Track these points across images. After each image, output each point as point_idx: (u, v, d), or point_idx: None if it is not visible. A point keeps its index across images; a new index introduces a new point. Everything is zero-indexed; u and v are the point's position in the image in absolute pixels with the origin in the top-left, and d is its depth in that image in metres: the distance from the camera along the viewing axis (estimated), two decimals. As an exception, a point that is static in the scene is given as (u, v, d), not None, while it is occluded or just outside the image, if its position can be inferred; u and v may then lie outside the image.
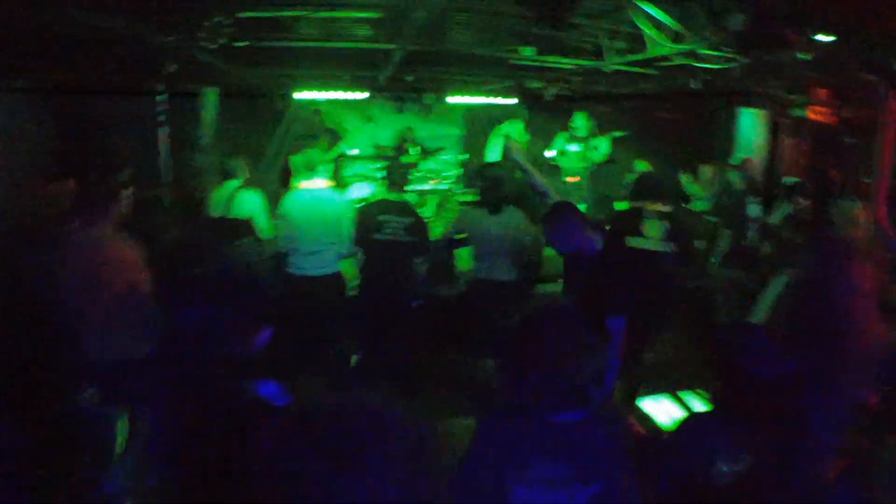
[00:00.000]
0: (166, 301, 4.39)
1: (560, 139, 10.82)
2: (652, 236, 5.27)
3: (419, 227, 6.01)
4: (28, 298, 5.13)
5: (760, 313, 5.14)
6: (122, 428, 4.47)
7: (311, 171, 6.19)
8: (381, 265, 5.90)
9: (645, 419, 5.95)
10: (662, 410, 6.12)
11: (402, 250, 5.89)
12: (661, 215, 5.36)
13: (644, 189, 5.53)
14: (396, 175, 6.21)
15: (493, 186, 5.93)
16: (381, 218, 5.86)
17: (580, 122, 10.55)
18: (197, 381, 2.11)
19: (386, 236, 5.83)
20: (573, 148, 10.62)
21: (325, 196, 6.06)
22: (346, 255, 6.15)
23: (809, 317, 3.60)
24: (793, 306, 3.86)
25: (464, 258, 6.68)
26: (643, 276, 5.21)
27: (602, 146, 10.70)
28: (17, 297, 5.31)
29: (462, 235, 6.09)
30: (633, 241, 5.25)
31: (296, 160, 9.35)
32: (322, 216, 5.94)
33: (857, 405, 3.53)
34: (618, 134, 10.82)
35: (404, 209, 6.05)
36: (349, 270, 6.35)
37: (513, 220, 5.96)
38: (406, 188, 6.60)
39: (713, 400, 2.88)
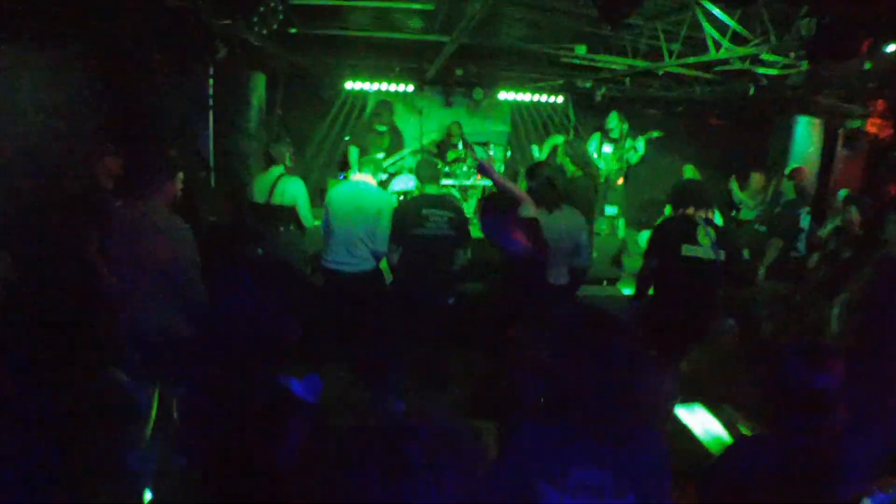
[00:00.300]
0: (209, 283, 4.38)
1: (594, 140, 10.67)
2: (705, 244, 5.16)
3: (461, 220, 5.87)
4: (76, 266, 5.19)
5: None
6: (152, 406, 4.50)
7: (367, 165, 6.14)
8: (422, 261, 5.73)
9: (680, 428, 5.85)
10: (697, 421, 6.00)
11: (445, 245, 5.75)
12: (709, 222, 5.25)
13: (690, 195, 5.39)
14: (424, 170, 6.03)
15: (547, 185, 5.66)
16: (424, 212, 5.69)
17: (614, 122, 10.36)
18: (233, 368, 2.07)
19: (429, 230, 5.68)
20: (607, 149, 10.46)
21: (367, 190, 5.98)
22: (381, 254, 5.98)
23: (866, 337, 3.49)
24: (850, 326, 3.73)
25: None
26: (695, 285, 5.17)
27: (640, 147, 10.50)
28: (66, 264, 5.38)
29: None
30: (688, 250, 5.14)
31: (354, 150, 9.43)
32: (360, 210, 5.84)
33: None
34: (655, 134, 10.60)
35: (446, 203, 5.90)
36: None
37: (570, 220, 5.72)
38: (440, 182, 6.43)
39: (766, 418, 2.75)
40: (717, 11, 5.32)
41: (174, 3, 5.19)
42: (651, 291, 5.56)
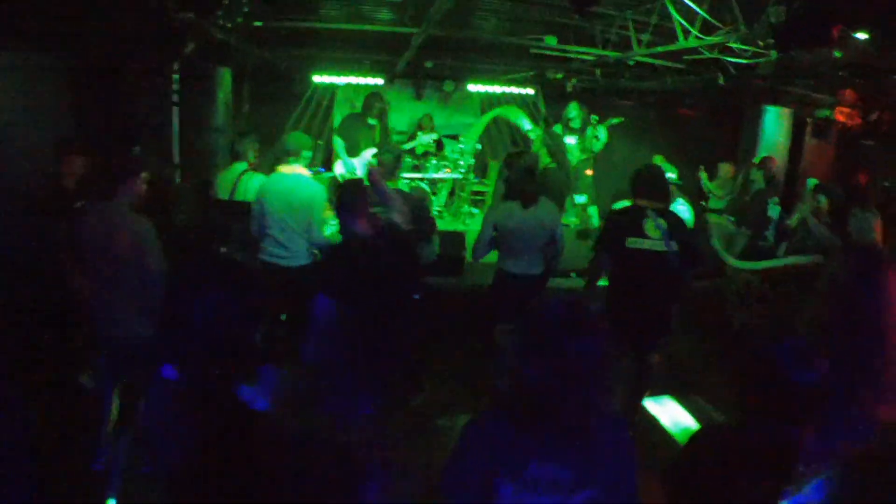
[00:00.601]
0: (170, 284, 4.32)
1: (557, 132, 10.64)
2: (654, 236, 5.00)
3: (417, 214, 5.55)
4: (42, 267, 5.12)
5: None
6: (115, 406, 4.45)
7: (353, 153, 6.04)
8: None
9: (649, 421, 5.83)
10: (665, 413, 6.00)
11: (399, 240, 5.30)
12: (660, 213, 5.13)
13: (643, 185, 5.22)
14: (386, 158, 5.85)
15: (526, 176, 5.70)
16: (374, 210, 5.27)
17: (574, 112, 10.28)
18: (195, 371, 2.02)
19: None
20: (570, 140, 10.39)
21: (301, 181, 5.79)
22: (320, 245, 5.83)
23: (839, 327, 3.49)
24: (824, 316, 3.72)
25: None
26: (645, 278, 5.06)
27: (602, 135, 10.47)
28: (32, 265, 5.30)
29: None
30: (633, 242, 4.98)
31: (340, 142, 9.31)
32: (294, 202, 5.65)
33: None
34: (615, 121, 10.59)
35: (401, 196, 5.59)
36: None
37: (546, 213, 5.73)
38: (399, 175, 6.26)
39: (744, 410, 2.73)
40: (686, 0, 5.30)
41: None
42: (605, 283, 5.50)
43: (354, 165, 9.18)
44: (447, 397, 5.99)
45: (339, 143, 9.51)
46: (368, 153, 8.82)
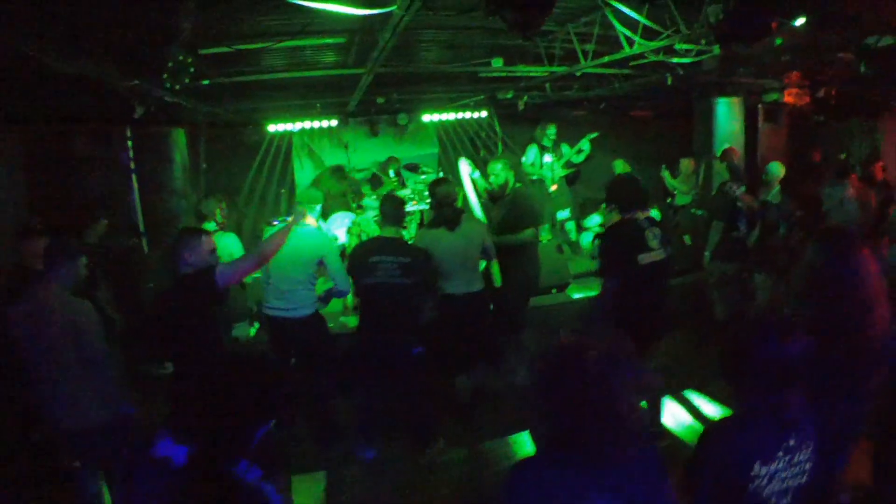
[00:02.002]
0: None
1: (532, 150, 10.76)
2: (655, 246, 5.10)
3: (418, 265, 5.41)
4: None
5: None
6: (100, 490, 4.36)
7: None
8: (379, 311, 5.40)
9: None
10: (667, 414, 6.00)
11: (400, 294, 5.32)
12: (652, 222, 5.22)
13: (635, 197, 5.26)
14: (388, 207, 5.59)
15: (444, 204, 5.81)
16: (372, 260, 5.30)
17: (552, 130, 10.55)
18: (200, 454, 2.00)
19: (380, 279, 5.27)
20: (548, 158, 10.58)
21: (305, 234, 5.75)
22: (342, 292, 5.80)
23: (821, 307, 3.52)
24: (804, 298, 3.76)
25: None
26: (653, 287, 5.16)
27: (585, 147, 10.70)
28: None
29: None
30: (644, 259, 5.04)
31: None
32: (298, 255, 5.54)
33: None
34: (593, 135, 10.81)
35: (398, 247, 5.43)
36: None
37: (471, 231, 5.83)
38: (403, 222, 6.08)
39: (734, 396, 2.76)
40: (625, 9, 5.36)
41: (76, 71, 5.01)
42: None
43: (337, 227, 9.12)
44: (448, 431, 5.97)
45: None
46: (340, 215, 8.76)
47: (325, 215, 8.91)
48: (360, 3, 4.54)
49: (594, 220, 10.83)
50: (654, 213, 5.71)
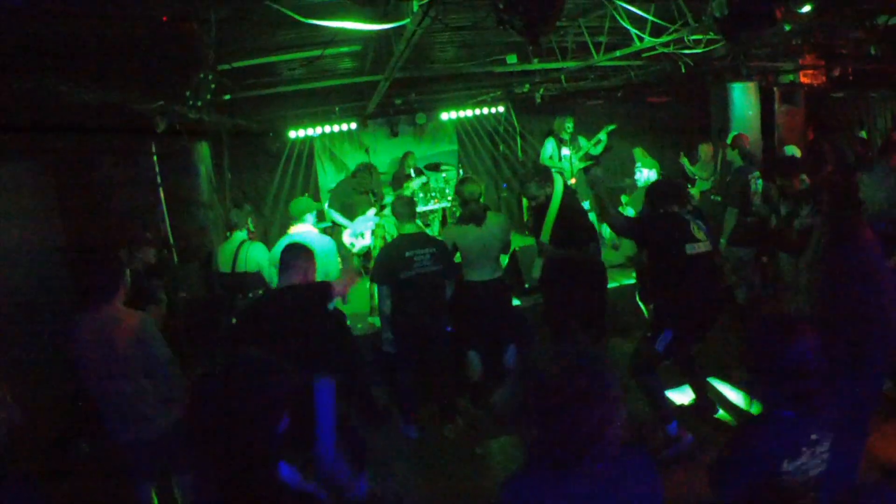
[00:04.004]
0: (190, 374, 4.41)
1: (549, 143, 10.82)
2: (702, 238, 5.21)
3: (443, 253, 5.98)
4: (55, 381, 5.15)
5: None
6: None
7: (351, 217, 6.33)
8: (416, 301, 5.82)
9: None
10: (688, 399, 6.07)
11: (434, 280, 5.88)
12: (696, 213, 5.35)
13: (665, 194, 5.41)
14: (400, 208, 6.12)
15: (470, 200, 6.20)
16: (408, 255, 5.78)
17: (570, 124, 10.60)
18: (226, 461, 2.08)
19: (416, 271, 5.78)
20: (566, 151, 10.63)
21: (308, 241, 5.92)
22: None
23: (836, 303, 3.57)
24: (820, 295, 3.81)
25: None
26: (706, 280, 5.23)
27: (603, 138, 10.75)
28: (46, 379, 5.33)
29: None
30: (692, 248, 5.13)
31: (332, 212, 9.44)
32: None
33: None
34: (611, 127, 10.84)
35: (426, 240, 6.04)
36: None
37: (497, 225, 6.27)
38: (417, 218, 6.55)
39: (752, 392, 2.86)
40: (631, 7, 5.44)
41: (102, 100, 5.17)
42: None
43: (361, 230, 9.28)
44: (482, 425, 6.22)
45: (333, 214, 9.61)
46: (370, 213, 8.90)
47: (351, 214, 9.11)
48: (373, 18, 4.67)
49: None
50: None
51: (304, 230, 6.32)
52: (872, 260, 3.53)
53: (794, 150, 8.00)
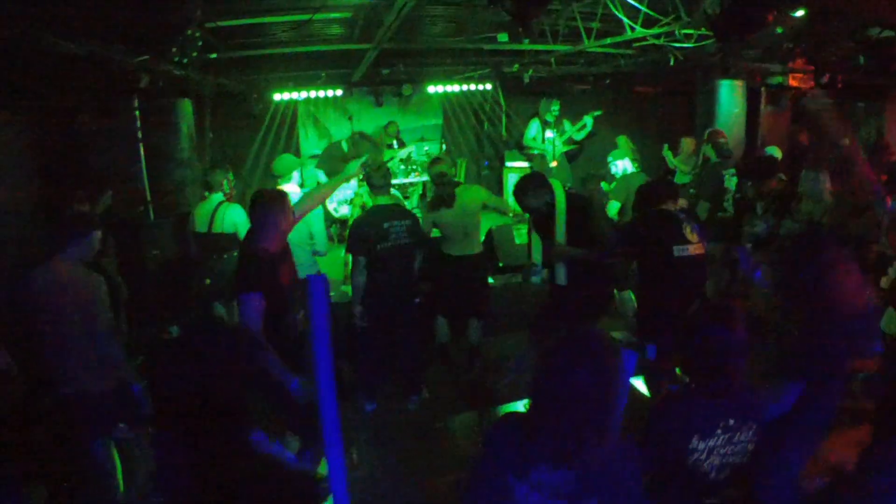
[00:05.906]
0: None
1: (534, 124, 10.83)
2: (694, 241, 5.02)
3: (416, 226, 6.01)
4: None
5: None
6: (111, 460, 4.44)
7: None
8: (390, 273, 5.80)
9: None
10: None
11: (407, 252, 5.90)
12: (689, 214, 5.22)
13: (660, 189, 5.32)
14: (377, 178, 5.95)
15: (440, 183, 6.30)
16: (385, 226, 5.72)
17: (556, 107, 10.62)
18: (193, 423, 2.09)
19: (393, 242, 5.75)
20: (549, 134, 10.66)
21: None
22: (321, 253, 6.34)
23: (798, 296, 3.60)
24: (783, 288, 3.86)
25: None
26: (694, 283, 5.09)
27: (588, 123, 10.78)
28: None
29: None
30: (680, 251, 4.95)
31: (319, 172, 9.35)
32: None
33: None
34: (596, 113, 10.87)
35: (401, 212, 6.02)
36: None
37: (468, 200, 6.34)
38: (391, 190, 6.47)
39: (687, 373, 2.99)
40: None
41: (84, 52, 5.08)
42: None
43: (344, 197, 9.22)
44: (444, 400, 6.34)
45: (319, 175, 9.52)
46: (353, 182, 8.86)
47: None
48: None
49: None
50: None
51: (290, 189, 6.23)
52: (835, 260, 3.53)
53: (774, 151, 8.04)
